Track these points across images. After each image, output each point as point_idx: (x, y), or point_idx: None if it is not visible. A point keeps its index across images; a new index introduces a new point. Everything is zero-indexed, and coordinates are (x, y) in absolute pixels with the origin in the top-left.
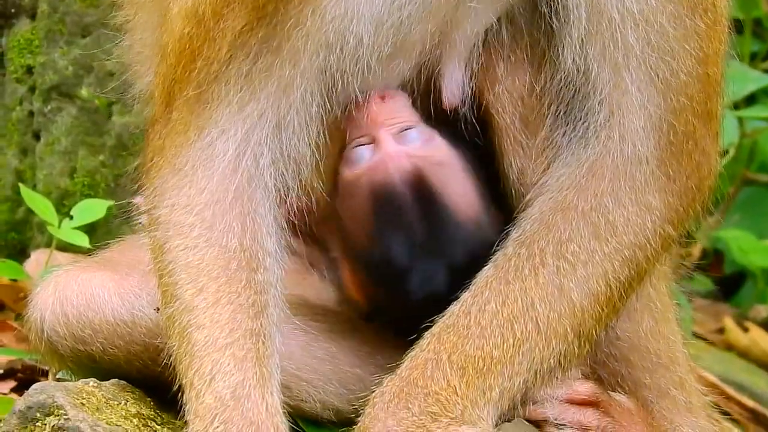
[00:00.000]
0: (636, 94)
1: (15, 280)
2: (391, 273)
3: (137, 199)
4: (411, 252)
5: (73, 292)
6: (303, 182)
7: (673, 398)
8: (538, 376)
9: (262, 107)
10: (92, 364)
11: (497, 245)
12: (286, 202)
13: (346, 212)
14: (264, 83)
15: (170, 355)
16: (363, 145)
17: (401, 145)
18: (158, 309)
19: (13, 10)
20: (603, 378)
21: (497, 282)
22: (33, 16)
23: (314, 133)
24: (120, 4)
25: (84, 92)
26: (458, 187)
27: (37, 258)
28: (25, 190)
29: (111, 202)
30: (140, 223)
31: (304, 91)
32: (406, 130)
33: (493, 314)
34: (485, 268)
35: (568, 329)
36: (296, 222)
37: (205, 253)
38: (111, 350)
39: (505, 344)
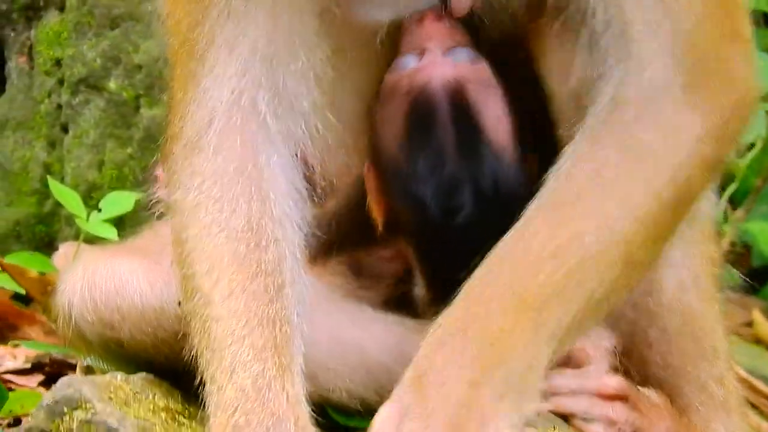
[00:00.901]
0: (646, 15)
1: (43, 273)
2: (413, 179)
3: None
4: (437, 161)
5: (102, 277)
6: (310, 126)
7: (711, 394)
8: (589, 307)
9: (253, 41)
10: (119, 350)
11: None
12: (296, 155)
13: (381, 117)
14: (248, 13)
15: (193, 349)
16: (409, 54)
17: (447, 59)
18: (180, 303)
19: (41, 3)
20: (636, 369)
21: (543, 212)
22: (62, 9)
23: (317, 65)
24: None
25: (112, 84)
26: (496, 111)
27: (65, 251)
28: (53, 183)
29: (139, 195)
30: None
31: (298, 15)
32: (456, 47)
33: (542, 245)
34: (531, 203)
35: (617, 256)
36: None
37: (216, 240)
38: (139, 336)
39: (557, 274)
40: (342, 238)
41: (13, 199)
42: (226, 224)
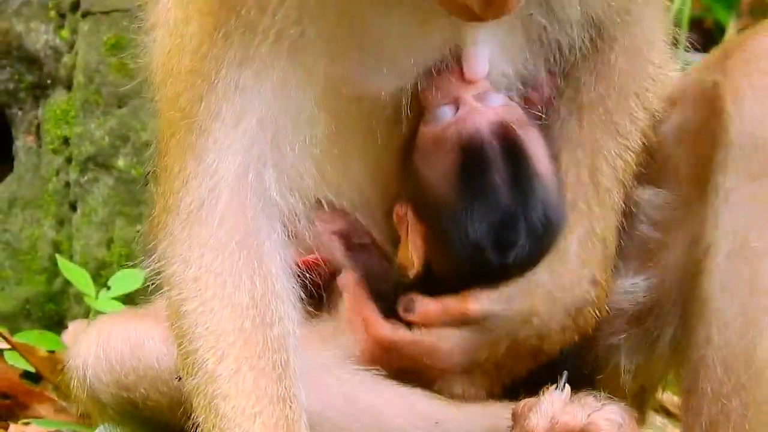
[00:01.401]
0: None
1: (53, 352)
2: (470, 222)
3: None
4: (493, 201)
5: (117, 338)
6: (311, 200)
7: None
8: None
9: (259, 115)
10: (135, 412)
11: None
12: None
13: (427, 167)
14: (255, 87)
15: (197, 426)
16: (444, 106)
17: (486, 104)
18: (179, 378)
19: (49, 81)
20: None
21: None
22: (69, 87)
23: (322, 141)
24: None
25: (120, 162)
26: (538, 145)
27: (74, 329)
28: (62, 261)
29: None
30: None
31: (305, 91)
32: (486, 92)
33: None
34: None
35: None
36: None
37: (220, 315)
38: (155, 397)
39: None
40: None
41: (23, 278)
42: (229, 300)
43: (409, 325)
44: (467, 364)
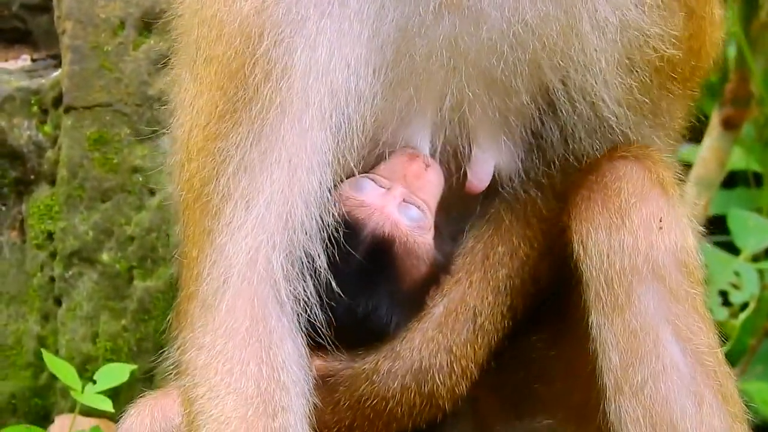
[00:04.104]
0: None
1: None
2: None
3: None
4: (350, 279)
5: (172, 410)
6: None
7: None
8: None
9: (268, 197)
10: None
11: None
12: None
13: (340, 217)
14: (264, 168)
15: None
16: (377, 182)
17: (399, 211)
18: None
19: (32, 177)
20: None
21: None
22: (53, 182)
23: (330, 227)
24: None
25: (105, 257)
26: (413, 273)
27: (60, 423)
28: (47, 356)
29: (134, 366)
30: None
31: (312, 171)
32: (415, 206)
33: None
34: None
35: None
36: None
37: (225, 403)
38: None
39: None
40: None
41: (8, 373)
42: (235, 386)
43: None
44: (319, 425)
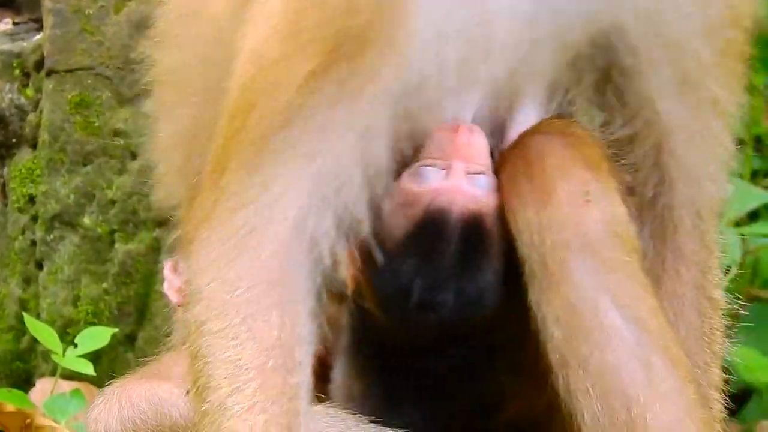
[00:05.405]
0: None
1: (20, 409)
2: (402, 274)
3: (167, 266)
4: (434, 272)
5: (139, 398)
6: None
7: None
8: None
9: (334, 161)
10: None
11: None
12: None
13: (393, 213)
14: (339, 132)
15: None
16: (434, 166)
17: (471, 185)
18: (188, 392)
19: (14, 140)
20: None
21: None
22: (34, 146)
23: (378, 197)
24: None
25: (86, 221)
26: (500, 243)
27: (42, 387)
28: (28, 319)
29: (115, 330)
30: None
31: (380, 140)
32: (479, 173)
33: None
34: None
35: None
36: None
37: (244, 347)
38: None
39: None
40: None
41: None
42: (258, 333)
43: None
44: None
